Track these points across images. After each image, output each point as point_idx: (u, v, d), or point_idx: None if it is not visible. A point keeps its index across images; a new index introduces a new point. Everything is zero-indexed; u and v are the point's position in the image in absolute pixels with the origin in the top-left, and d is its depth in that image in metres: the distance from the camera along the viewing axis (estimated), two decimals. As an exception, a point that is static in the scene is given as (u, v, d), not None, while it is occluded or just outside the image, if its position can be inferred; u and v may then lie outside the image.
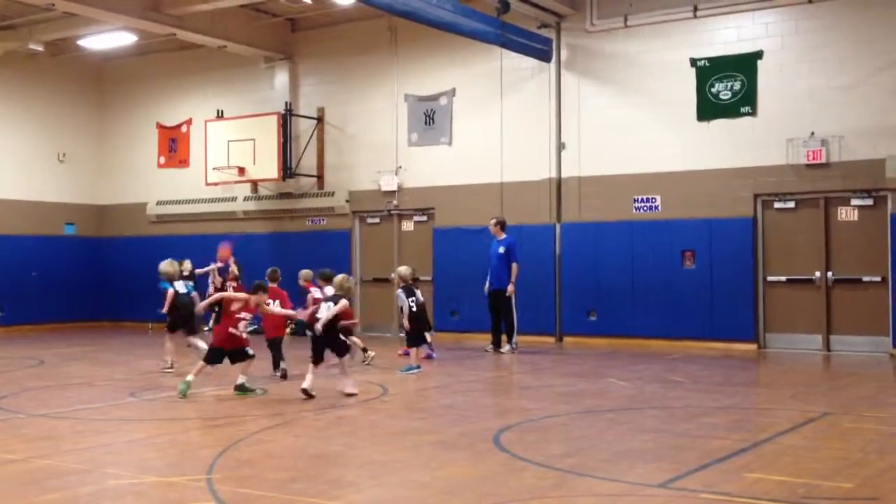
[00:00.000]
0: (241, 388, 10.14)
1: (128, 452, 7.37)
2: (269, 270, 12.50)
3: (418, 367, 12.33)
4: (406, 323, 12.64)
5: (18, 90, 21.25)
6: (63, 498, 5.77)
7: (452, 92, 18.42)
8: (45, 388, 10.80)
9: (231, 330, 10.19)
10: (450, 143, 18.46)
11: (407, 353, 12.95)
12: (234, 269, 16.98)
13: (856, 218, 15.00)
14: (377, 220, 19.40)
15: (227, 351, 10.21)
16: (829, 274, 15.06)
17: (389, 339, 18.25)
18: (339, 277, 10.64)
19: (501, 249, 15.32)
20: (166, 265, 12.88)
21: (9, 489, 6.09)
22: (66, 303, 15.82)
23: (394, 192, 18.90)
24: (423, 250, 18.57)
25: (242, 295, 10.71)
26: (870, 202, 14.87)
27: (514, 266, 15.20)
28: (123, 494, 5.92)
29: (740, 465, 6.70)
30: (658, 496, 5.84)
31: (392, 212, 19.08)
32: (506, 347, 15.04)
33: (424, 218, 18.86)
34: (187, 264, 15.80)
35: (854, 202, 14.97)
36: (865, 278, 14.82)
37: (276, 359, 11.69)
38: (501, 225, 15.59)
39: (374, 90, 19.29)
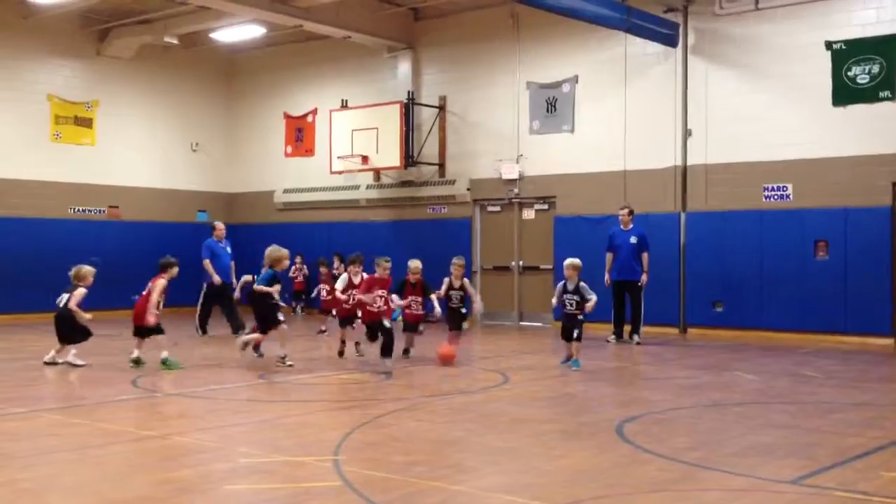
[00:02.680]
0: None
1: (258, 432, 7.61)
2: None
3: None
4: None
5: (154, 82, 22.17)
6: (197, 474, 6.01)
7: (575, 79, 18.23)
8: (179, 369, 11.25)
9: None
10: (572, 131, 18.29)
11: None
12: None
13: None
14: (498, 208, 19.40)
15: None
16: (976, 266, 14.27)
17: (509, 328, 18.26)
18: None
19: (633, 239, 15.09)
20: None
21: (148, 463, 6.39)
22: (198, 286, 16.41)
23: (515, 180, 18.86)
24: (544, 239, 18.48)
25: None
26: None
27: (647, 256, 15.00)
28: (254, 472, 6.13)
29: (877, 463, 6.43)
30: (789, 493, 5.66)
31: (513, 200, 19.05)
32: (635, 338, 14.75)
33: (545, 206, 18.76)
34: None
35: None
36: None
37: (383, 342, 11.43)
38: (632, 214, 15.37)
39: (495, 78, 19.28)
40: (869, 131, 15.05)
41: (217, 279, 15.27)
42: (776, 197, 15.96)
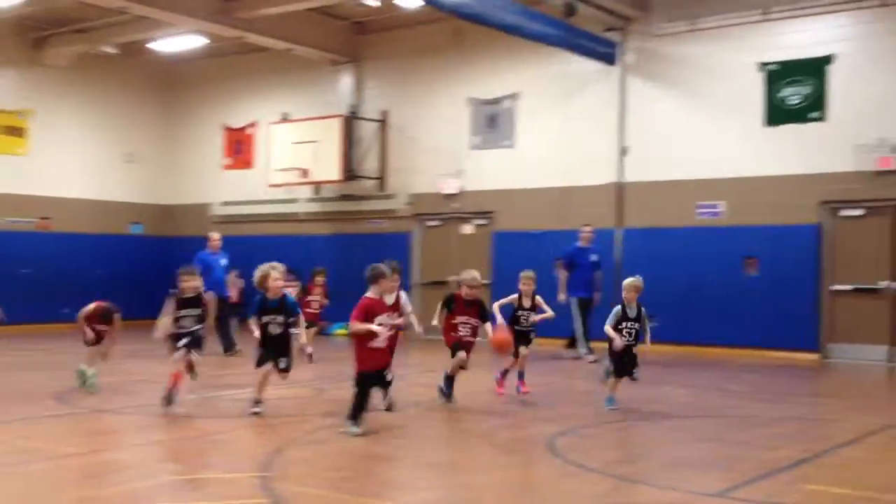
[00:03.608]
0: None
1: (187, 448, 7.51)
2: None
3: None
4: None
5: (91, 91, 21.79)
6: (122, 492, 5.90)
7: (517, 95, 18.39)
8: (107, 386, 11.04)
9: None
10: (512, 147, 18.44)
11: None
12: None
13: (926, 227, 14.63)
14: (438, 222, 19.45)
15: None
16: (898, 284, 14.71)
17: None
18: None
19: (594, 257, 15.27)
20: None
21: (69, 481, 6.25)
22: (132, 300, 16.02)
23: (455, 195, 18.93)
24: (483, 254, 18.57)
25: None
26: (943, 211, 14.47)
27: (601, 274, 15.28)
28: (180, 489, 6.04)
29: (799, 476, 6.57)
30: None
31: (453, 215, 19.12)
32: (591, 356, 14.61)
33: (485, 221, 18.85)
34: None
35: (925, 210, 14.59)
36: (936, 289, 14.43)
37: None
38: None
39: (437, 93, 19.36)
40: (800, 151, 15.43)
41: (234, 295, 14.96)
42: (709, 214, 16.27)
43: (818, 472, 6.79)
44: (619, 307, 9.42)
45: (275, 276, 8.80)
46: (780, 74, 15.68)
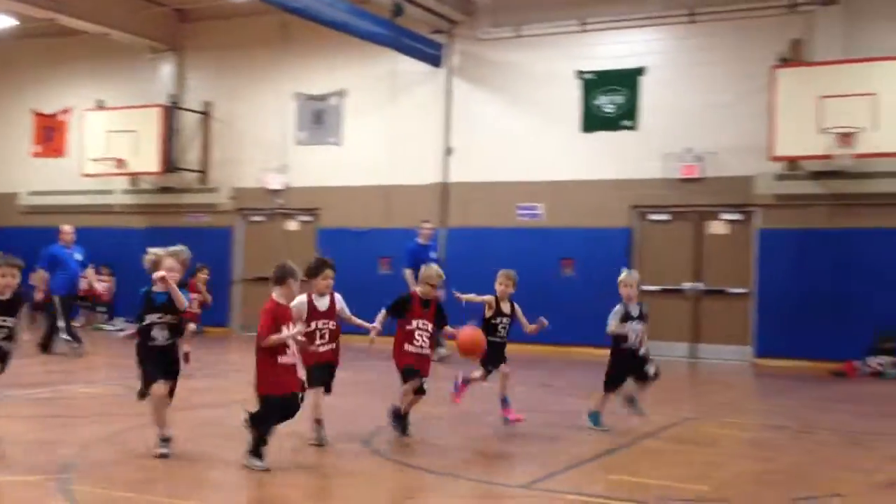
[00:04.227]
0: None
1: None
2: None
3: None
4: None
5: None
6: None
7: (343, 92, 18.35)
8: None
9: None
10: (339, 144, 18.39)
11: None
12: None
13: (725, 232, 15.66)
14: (261, 218, 19.14)
15: None
16: (699, 285, 15.65)
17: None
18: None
19: (434, 254, 15.00)
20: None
21: None
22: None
23: (280, 190, 18.68)
24: (307, 251, 18.38)
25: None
26: (739, 217, 15.54)
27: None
28: (-29, 493, 5.67)
29: (604, 467, 6.89)
30: (521, 496, 5.95)
31: (277, 210, 18.86)
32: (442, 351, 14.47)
33: (310, 218, 18.71)
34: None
35: (724, 216, 15.63)
36: (731, 290, 15.45)
37: None
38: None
39: (263, 86, 19.06)
40: (613, 158, 16.16)
41: (40, 294, 13.59)
42: (529, 216, 16.79)
43: (621, 463, 7.14)
44: (619, 306, 8.52)
45: (169, 263, 6.76)
46: (596, 83, 16.37)
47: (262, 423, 6.34)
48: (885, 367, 14.02)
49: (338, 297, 7.40)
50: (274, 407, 6.30)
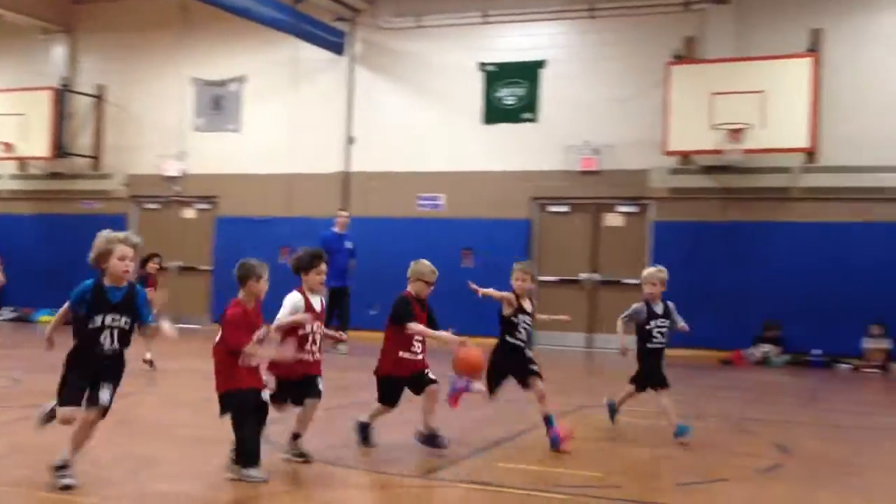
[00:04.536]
0: None
1: None
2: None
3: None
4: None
5: None
6: None
7: (243, 78, 18.06)
8: None
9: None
10: (238, 131, 18.10)
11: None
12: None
13: (621, 224, 16.02)
14: (157, 206, 18.70)
15: None
16: (595, 276, 15.98)
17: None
18: None
19: (349, 244, 14.65)
20: None
21: None
22: None
23: (177, 177, 18.29)
24: (205, 239, 18.09)
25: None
26: (634, 209, 15.91)
27: (355, 262, 14.66)
28: None
29: (497, 456, 6.96)
30: (413, 486, 5.97)
31: (174, 198, 18.45)
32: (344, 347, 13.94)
33: (208, 206, 18.36)
34: None
35: (620, 209, 15.98)
36: (626, 281, 15.80)
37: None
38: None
39: (160, 71, 18.61)
40: (514, 150, 16.34)
41: None
42: (430, 206, 16.84)
43: (515, 451, 7.23)
44: (640, 304, 7.95)
45: (122, 251, 5.48)
46: (497, 75, 16.51)
47: (241, 426, 5.72)
48: (770, 354, 14.57)
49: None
50: (238, 402, 5.71)
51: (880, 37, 14.83)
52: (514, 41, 16.57)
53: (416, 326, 6.91)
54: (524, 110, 16.36)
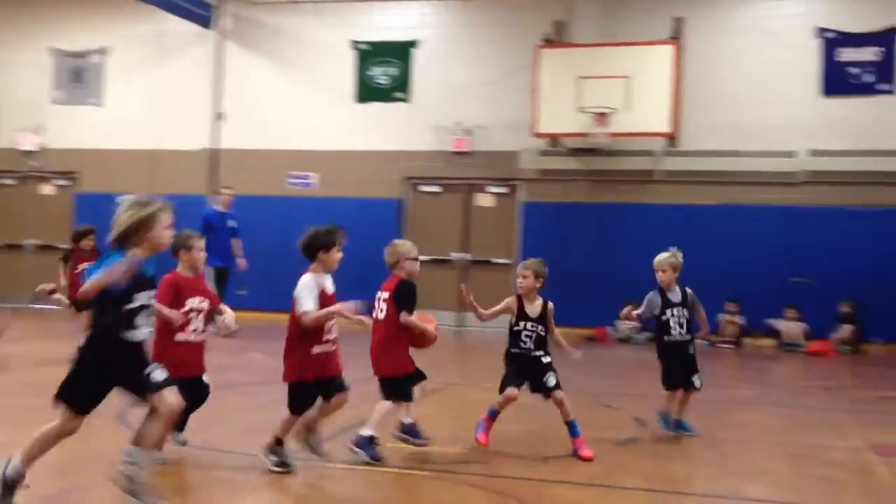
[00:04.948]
0: None
1: None
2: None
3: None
4: None
5: None
6: None
7: (106, 50, 17.39)
8: None
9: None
10: (100, 105, 17.43)
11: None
12: None
13: (491, 204, 16.25)
14: (12, 181, 17.85)
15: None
16: (466, 255, 16.18)
17: (21, 311, 16.91)
18: None
19: (232, 223, 14.10)
20: None
21: None
22: None
23: (34, 152, 17.49)
24: (64, 217, 17.36)
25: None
26: (504, 190, 16.17)
27: (239, 241, 14.18)
28: None
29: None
30: (279, 468, 5.93)
31: (31, 173, 17.65)
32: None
33: (68, 182, 17.64)
34: None
35: (490, 189, 16.21)
36: (496, 260, 16.08)
37: None
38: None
39: (15, 40, 17.75)
40: (386, 129, 16.33)
41: None
42: (301, 184, 16.67)
43: (383, 429, 7.24)
44: (654, 293, 7.38)
45: (166, 220, 4.73)
46: (370, 54, 16.44)
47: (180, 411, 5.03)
48: (631, 332, 15.08)
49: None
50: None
51: (738, 29, 15.47)
52: (387, 20, 16.52)
53: (412, 318, 6.29)
54: (397, 90, 16.36)
